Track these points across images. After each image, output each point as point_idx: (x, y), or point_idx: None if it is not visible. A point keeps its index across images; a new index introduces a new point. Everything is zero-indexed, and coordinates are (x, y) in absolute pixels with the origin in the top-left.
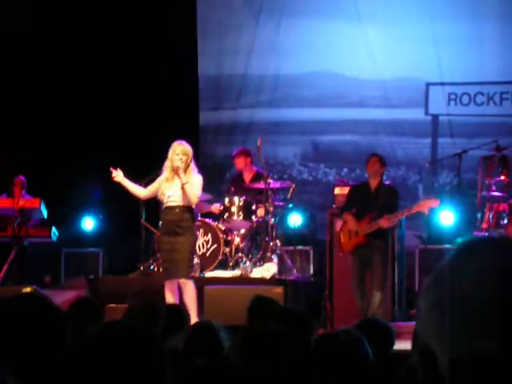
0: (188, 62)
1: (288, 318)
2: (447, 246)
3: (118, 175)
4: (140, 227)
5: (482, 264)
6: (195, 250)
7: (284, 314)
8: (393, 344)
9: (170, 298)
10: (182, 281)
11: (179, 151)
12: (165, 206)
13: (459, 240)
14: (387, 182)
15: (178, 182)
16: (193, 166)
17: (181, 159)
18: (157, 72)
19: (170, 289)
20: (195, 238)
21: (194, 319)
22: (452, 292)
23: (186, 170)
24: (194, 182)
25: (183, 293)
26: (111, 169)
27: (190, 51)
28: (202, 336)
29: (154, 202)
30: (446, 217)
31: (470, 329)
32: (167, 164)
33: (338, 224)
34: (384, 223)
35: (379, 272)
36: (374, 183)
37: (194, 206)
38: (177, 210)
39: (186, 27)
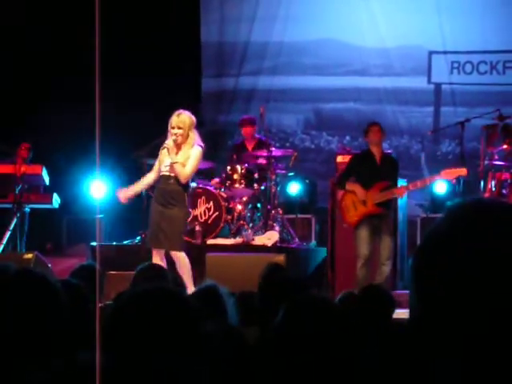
0: (191, 29)
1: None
2: None
3: (124, 195)
4: (142, 194)
5: (451, 223)
6: (187, 222)
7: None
8: (393, 311)
9: (159, 262)
10: (174, 253)
11: (174, 123)
12: (161, 173)
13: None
14: (389, 151)
15: (178, 153)
16: (194, 136)
17: (176, 133)
18: (160, 39)
19: (159, 255)
20: (187, 212)
21: (190, 290)
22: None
23: (184, 141)
24: (190, 157)
25: (177, 266)
26: (117, 194)
27: (193, 18)
28: (207, 298)
29: None
30: (448, 186)
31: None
32: (168, 134)
33: (340, 192)
34: (399, 193)
35: (389, 241)
36: (377, 152)
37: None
38: (171, 181)
39: None
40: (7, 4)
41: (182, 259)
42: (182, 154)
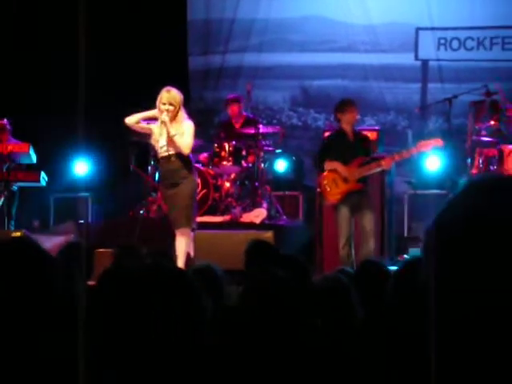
0: (177, 6)
1: (284, 262)
2: (436, 191)
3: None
4: (130, 172)
5: (470, 199)
6: (196, 195)
7: (280, 259)
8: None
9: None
10: (178, 230)
11: (165, 100)
12: (160, 155)
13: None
14: (376, 127)
15: (173, 130)
16: (183, 113)
17: (167, 109)
18: (145, 17)
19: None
20: (196, 184)
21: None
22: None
23: (174, 118)
24: (185, 131)
25: (176, 241)
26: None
27: None
28: (203, 277)
29: (144, 147)
30: (435, 162)
31: None
32: (157, 112)
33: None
34: (386, 164)
35: (370, 217)
36: (349, 130)
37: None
38: (172, 159)
39: None
40: None
41: (183, 238)
42: (174, 130)
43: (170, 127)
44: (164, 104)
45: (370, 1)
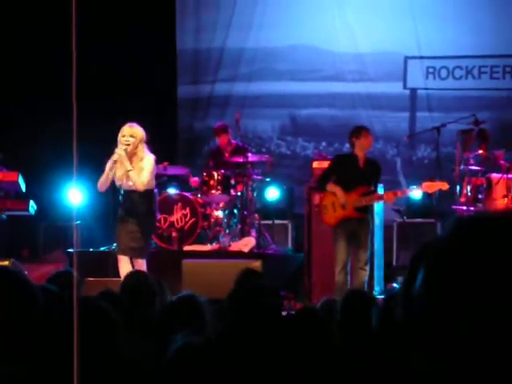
0: (166, 36)
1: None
2: (425, 219)
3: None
4: (118, 201)
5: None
6: (155, 230)
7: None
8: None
9: (126, 269)
10: (138, 262)
11: (126, 132)
12: (122, 190)
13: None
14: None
15: (134, 166)
16: (143, 148)
17: (127, 141)
18: (135, 47)
19: (126, 261)
20: (154, 218)
21: None
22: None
23: (134, 152)
24: (144, 167)
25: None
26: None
27: (169, 26)
28: (186, 308)
29: None
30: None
31: None
32: (116, 148)
33: (316, 198)
34: (388, 199)
35: (366, 247)
36: (361, 156)
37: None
38: (132, 195)
39: (164, 2)
40: None
41: (143, 266)
42: (133, 165)
43: (126, 161)
44: (124, 136)
45: (358, 30)
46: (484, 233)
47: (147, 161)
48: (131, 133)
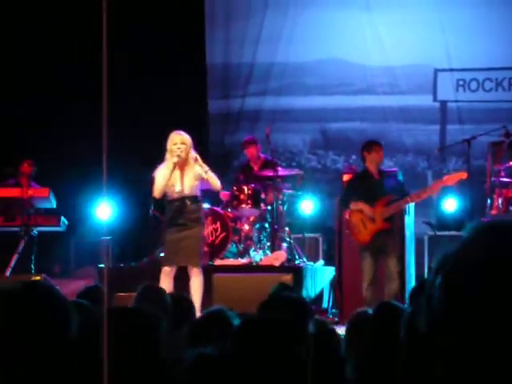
0: (196, 50)
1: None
2: (456, 232)
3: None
4: (149, 217)
5: (468, 244)
6: (205, 239)
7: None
8: None
9: (167, 284)
10: (194, 270)
11: (177, 141)
12: (172, 197)
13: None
14: (394, 169)
15: (187, 173)
16: (194, 154)
17: (179, 148)
18: (166, 62)
19: (168, 275)
20: (204, 228)
21: (197, 311)
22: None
23: (186, 159)
24: (207, 170)
25: (191, 283)
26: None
27: (199, 40)
28: (214, 323)
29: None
30: (453, 203)
31: None
32: (167, 156)
33: (347, 212)
34: (412, 200)
35: (396, 258)
36: (374, 169)
37: (219, 190)
38: (186, 201)
39: (194, 16)
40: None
41: (198, 278)
42: (187, 171)
43: (200, 162)
44: (175, 144)
45: (388, 43)
46: (501, 238)
47: (202, 165)
48: (182, 140)
